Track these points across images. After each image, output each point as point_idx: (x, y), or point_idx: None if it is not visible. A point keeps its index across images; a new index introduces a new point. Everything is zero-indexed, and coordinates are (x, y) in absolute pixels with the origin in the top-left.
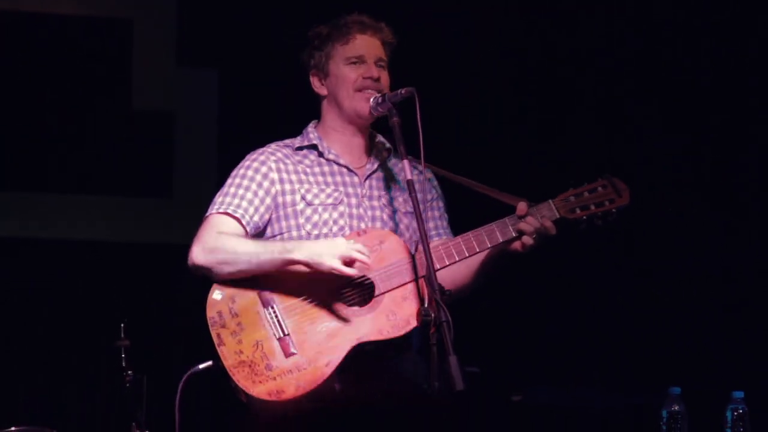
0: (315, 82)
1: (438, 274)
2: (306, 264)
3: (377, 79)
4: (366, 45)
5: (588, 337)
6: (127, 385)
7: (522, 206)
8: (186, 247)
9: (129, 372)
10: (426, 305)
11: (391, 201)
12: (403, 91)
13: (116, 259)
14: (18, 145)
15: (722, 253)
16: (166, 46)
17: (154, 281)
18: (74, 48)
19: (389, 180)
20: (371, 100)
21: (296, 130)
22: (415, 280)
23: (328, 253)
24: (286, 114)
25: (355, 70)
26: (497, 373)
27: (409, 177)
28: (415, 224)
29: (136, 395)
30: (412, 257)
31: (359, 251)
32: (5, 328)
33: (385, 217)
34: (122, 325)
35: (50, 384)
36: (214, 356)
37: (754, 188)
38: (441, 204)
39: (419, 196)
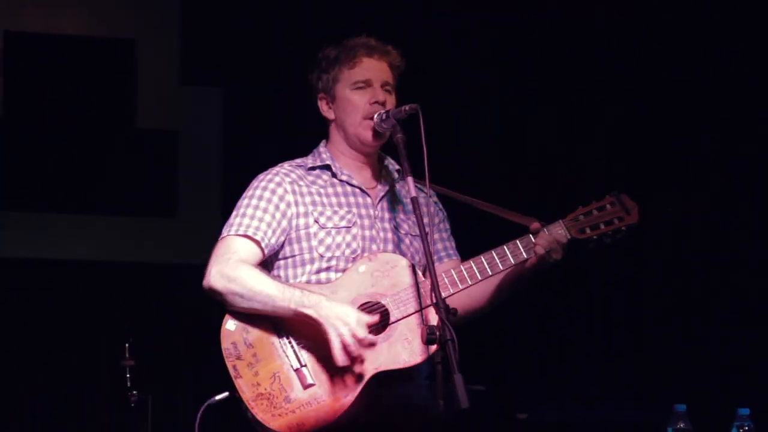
0: (323, 106)
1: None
2: (318, 324)
3: (383, 104)
4: (373, 68)
5: (593, 354)
6: (132, 404)
7: (536, 225)
8: (190, 267)
9: (134, 392)
10: (431, 324)
11: (401, 222)
12: (407, 108)
13: (121, 278)
14: (22, 164)
15: (728, 268)
16: (170, 65)
17: (158, 301)
18: (78, 67)
19: (399, 202)
20: (375, 116)
21: (300, 147)
22: (429, 305)
23: (337, 325)
24: (290, 132)
25: (361, 96)
26: (502, 391)
27: (413, 194)
28: (422, 247)
29: (141, 415)
30: (422, 282)
31: (353, 340)
32: (9, 348)
33: (396, 239)
34: (127, 345)
35: (55, 404)
36: (231, 387)
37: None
38: (447, 225)
39: (423, 209)
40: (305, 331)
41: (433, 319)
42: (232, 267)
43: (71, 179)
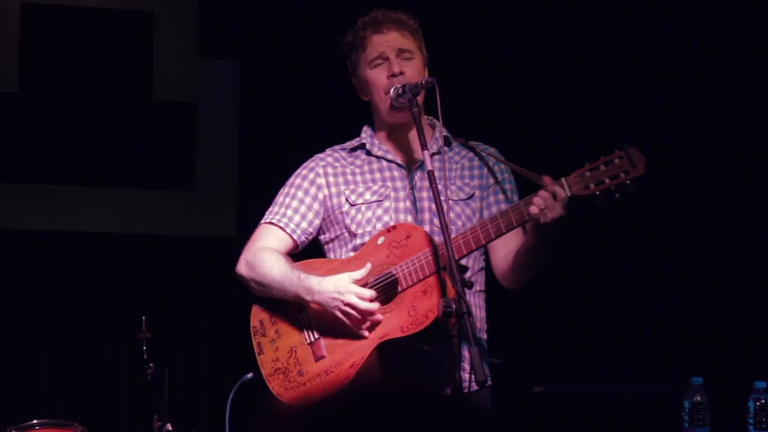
0: (358, 90)
1: (499, 261)
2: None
3: (398, 74)
4: (382, 42)
5: (610, 328)
6: (149, 377)
7: (546, 181)
8: (207, 239)
9: (150, 364)
10: (447, 296)
11: (442, 190)
12: (423, 81)
13: (137, 251)
14: (40, 137)
15: (744, 242)
16: (188, 38)
17: (176, 273)
18: (95, 40)
19: (445, 168)
20: (392, 90)
21: (317, 121)
22: (437, 272)
23: (333, 302)
24: (307, 105)
25: (380, 73)
26: (519, 365)
27: (429, 168)
28: (469, 211)
29: (158, 388)
30: (435, 249)
31: (366, 310)
32: (28, 320)
33: (434, 207)
34: (144, 317)
35: (72, 376)
36: (254, 364)
37: None
38: (506, 187)
39: (441, 186)
40: (316, 306)
41: (444, 286)
42: (254, 254)
43: (89, 152)
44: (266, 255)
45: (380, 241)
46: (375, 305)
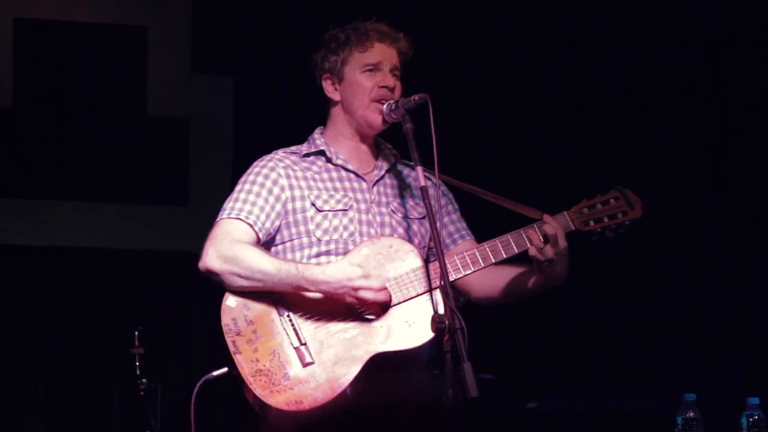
0: (328, 87)
1: (475, 284)
2: (324, 296)
3: (392, 89)
4: (383, 53)
5: (602, 344)
6: (142, 393)
7: (540, 216)
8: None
9: (143, 380)
10: (440, 312)
11: (399, 207)
12: (416, 98)
13: (131, 266)
14: (33, 152)
15: (738, 259)
16: (182, 53)
17: (169, 289)
18: (89, 55)
19: (397, 186)
20: (385, 106)
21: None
22: (430, 289)
23: (346, 286)
24: (301, 121)
25: (371, 79)
26: (512, 381)
27: (422, 184)
28: (423, 230)
29: (151, 403)
30: (426, 265)
31: (378, 288)
32: (20, 335)
33: (393, 223)
34: (136, 333)
35: (64, 391)
36: (230, 363)
37: None
38: (456, 206)
39: (433, 201)
40: (307, 307)
41: (439, 304)
42: (228, 246)
43: (82, 167)
44: (245, 247)
45: (364, 251)
46: (386, 292)
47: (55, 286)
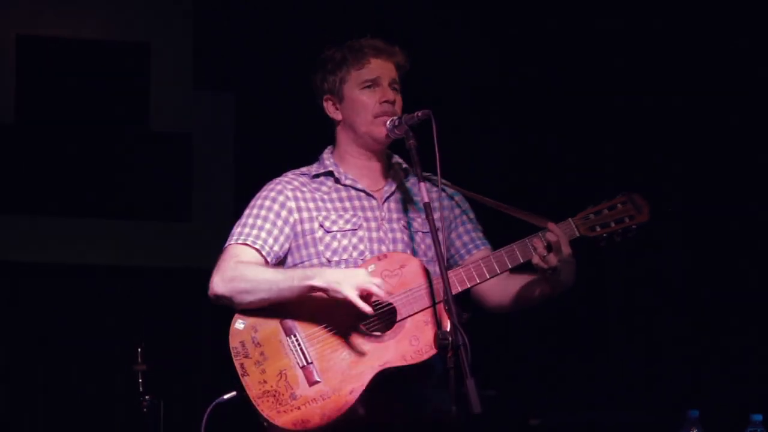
0: (329, 107)
1: (489, 292)
2: (325, 290)
3: (393, 102)
4: (381, 68)
5: (605, 359)
6: (145, 409)
7: (547, 224)
8: (203, 271)
9: (146, 396)
10: (443, 329)
11: (410, 222)
12: (419, 114)
13: (134, 282)
14: (36, 168)
15: (744, 274)
16: (184, 69)
17: (172, 305)
18: (92, 71)
19: (408, 201)
20: (388, 123)
21: (312, 153)
22: (435, 304)
23: (347, 282)
24: (302, 136)
25: (371, 95)
26: (515, 397)
27: (426, 200)
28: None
29: (154, 419)
30: (431, 280)
31: (377, 285)
32: (23, 351)
33: (405, 238)
34: (139, 349)
35: (67, 408)
36: (238, 386)
37: None
38: (470, 216)
39: (436, 215)
40: (314, 326)
41: (444, 318)
42: (231, 268)
43: (85, 183)
44: (248, 265)
45: (371, 268)
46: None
47: (57, 302)
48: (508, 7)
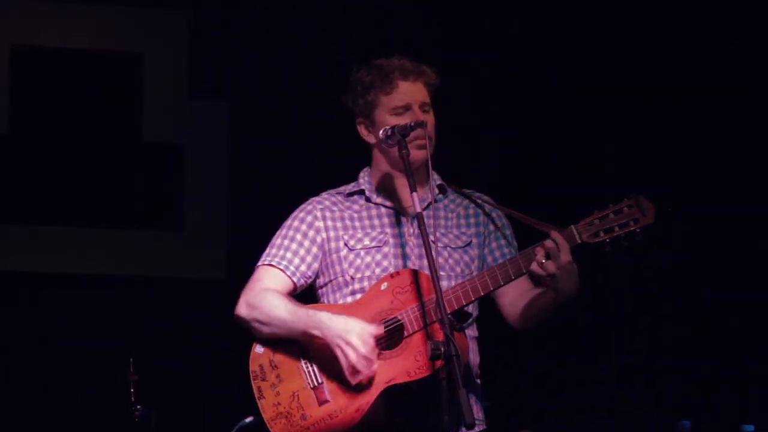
0: (362, 130)
1: (506, 307)
2: (325, 342)
3: (424, 125)
4: (410, 91)
5: (597, 370)
6: (136, 419)
7: (552, 232)
8: (196, 281)
9: (138, 406)
10: (436, 339)
11: (440, 237)
12: (411, 123)
13: (126, 292)
14: (29, 178)
15: (733, 285)
16: (177, 80)
17: (164, 315)
18: (85, 81)
19: (442, 216)
20: (381, 132)
21: (305, 163)
22: (441, 318)
23: (340, 341)
24: (296, 147)
25: (402, 120)
26: (507, 407)
27: (418, 210)
28: (467, 258)
29: (145, 430)
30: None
31: (365, 356)
32: (13, 362)
33: (433, 254)
34: (131, 359)
35: (58, 419)
36: (255, 409)
37: None
38: (506, 233)
39: (431, 222)
40: (322, 348)
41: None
42: (255, 295)
43: (78, 193)
44: (270, 295)
45: (384, 286)
46: (374, 357)
47: (48, 312)
48: (508, 7)
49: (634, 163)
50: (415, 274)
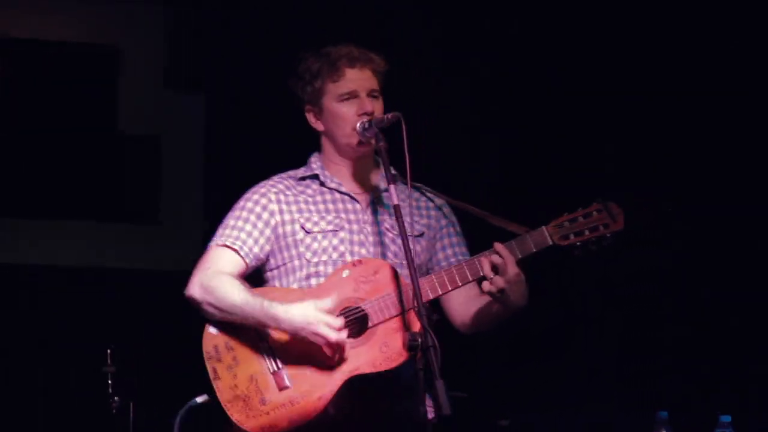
0: (310, 118)
1: (454, 312)
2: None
3: (371, 113)
4: (357, 78)
5: (574, 360)
6: (114, 411)
7: (496, 244)
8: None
9: (115, 398)
10: (413, 331)
11: (394, 225)
12: (389, 116)
13: (102, 285)
14: (3, 169)
15: (712, 276)
16: (153, 70)
17: (140, 307)
18: (60, 72)
19: (392, 205)
20: (358, 125)
21: (282, 155)
22: (406, 310)
23: (308, 328)
24: (272, 138)
25: (349, 107)
26: (484, 398)
27: (395, 202)
28: (419, 248)
29: (123, 421)
30: (404, 287)
31: (327, 324)
32: None
33: (386, 241)
34: (109, 351)
35: (35, 411)
36: (210, 390)
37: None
38: (455, 229)
39: (407, 219)
40: (280, 335)
41: (415, 324)
42: (210, 277)
43: (53, 185)
44: (224, 279)
45: (345, 274)
46: (344, 335)
47: (24, 304)
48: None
49: (634, 163)
50: (379, 264)
